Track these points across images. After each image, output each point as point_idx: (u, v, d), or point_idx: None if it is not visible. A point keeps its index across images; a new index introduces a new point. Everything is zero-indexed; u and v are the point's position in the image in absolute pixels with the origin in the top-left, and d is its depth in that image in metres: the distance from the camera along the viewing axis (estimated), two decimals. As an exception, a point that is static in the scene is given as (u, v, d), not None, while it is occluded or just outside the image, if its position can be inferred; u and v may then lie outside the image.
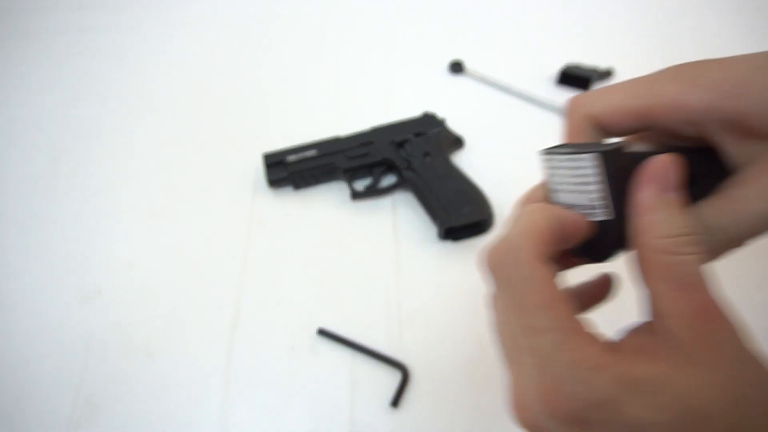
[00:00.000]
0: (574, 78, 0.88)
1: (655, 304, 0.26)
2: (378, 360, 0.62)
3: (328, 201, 0.77)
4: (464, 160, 0.80)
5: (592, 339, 0.25)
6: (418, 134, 0.78)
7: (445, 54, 0.96)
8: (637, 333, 0.27)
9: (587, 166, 0.27)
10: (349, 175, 0.76)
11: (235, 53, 0.99)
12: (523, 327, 0.25)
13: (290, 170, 0.75)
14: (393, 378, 0.62)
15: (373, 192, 0.75)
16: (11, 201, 0.79)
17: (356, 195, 0.75)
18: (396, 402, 0.59)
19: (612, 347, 0.26)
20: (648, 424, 0.23)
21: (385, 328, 0.65)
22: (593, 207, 0.28)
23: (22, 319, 0.68)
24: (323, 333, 0.64)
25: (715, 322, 0.24)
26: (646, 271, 0.26)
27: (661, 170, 0.27)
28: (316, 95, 0.91)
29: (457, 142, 0.79)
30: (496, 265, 0.27)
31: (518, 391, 0.27)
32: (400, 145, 0.77)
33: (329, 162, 0.76)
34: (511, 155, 0.81)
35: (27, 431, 0.60)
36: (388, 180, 0.78)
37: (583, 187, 0.28)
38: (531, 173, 0.78)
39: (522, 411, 0.27)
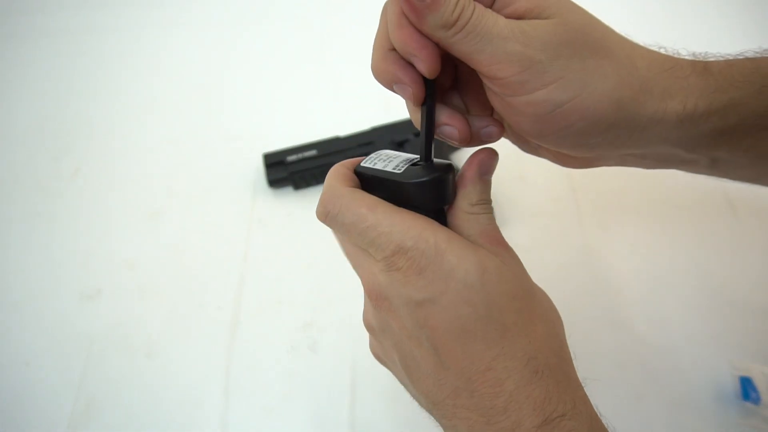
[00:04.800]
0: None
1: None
2: (378, 360, 0.62)
3: (328, 201, 0.77)
4: (464, 160, 0.80)
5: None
6: (418, 134, 0.77)
7: (445, 54, 0.96)
8: None
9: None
10: (349, 175, 0.76)
11: (234, 53, 0.98)
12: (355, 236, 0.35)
13: (290, 170, 0.75)
14: (393, 377, 0.61)
15: (373, 192, 0.75)
16: (12, 201, 0.79)
17: (356, 195, 0.75)
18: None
19: None
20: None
21: (385, 328, 0.65)
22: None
23: (23, 318, 0.68)
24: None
25: (500, 244, 0.36)
26: (459, 222, 0.37)
27: (485, 159, 0.39)
28: (316, 95, 0.91)
29: (457, 142, 0.79)
30: (325, 211, 0.36)
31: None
32: (400, 145, 0.77)
33: (329, 162, 0.75)
34: (510, 155, 0.81)
35: (27, 431, 0.60)
36: (388, 180, 0.78)
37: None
38: (530, 173, 0.79)
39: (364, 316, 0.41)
